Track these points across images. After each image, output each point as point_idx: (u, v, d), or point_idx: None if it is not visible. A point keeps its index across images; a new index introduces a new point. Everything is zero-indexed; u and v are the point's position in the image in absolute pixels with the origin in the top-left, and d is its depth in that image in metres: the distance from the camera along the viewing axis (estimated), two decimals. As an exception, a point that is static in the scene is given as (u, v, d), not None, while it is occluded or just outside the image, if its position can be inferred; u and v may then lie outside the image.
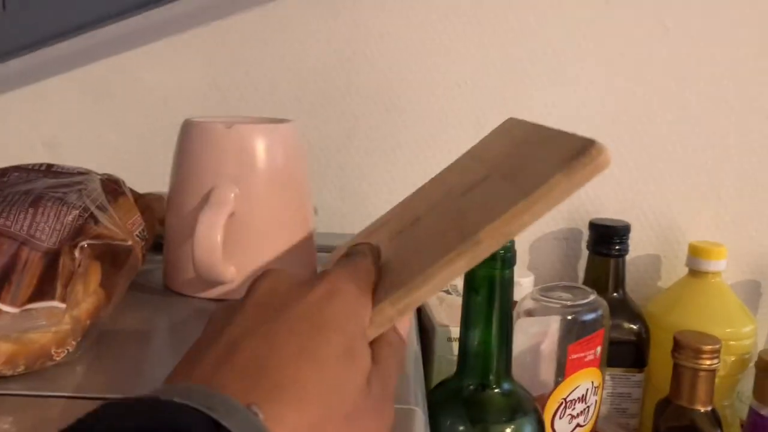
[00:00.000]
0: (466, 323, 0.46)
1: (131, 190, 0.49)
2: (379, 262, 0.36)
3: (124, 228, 0.39)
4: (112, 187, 0.43)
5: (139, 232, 0.43)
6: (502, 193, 0.35)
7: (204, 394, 0.23)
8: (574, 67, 0.67)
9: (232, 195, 0.47)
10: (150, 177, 0.72)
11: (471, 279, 0.45)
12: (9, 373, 0.32)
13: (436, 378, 0.54)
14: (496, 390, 0.46)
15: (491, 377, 0.46)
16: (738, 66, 0.67)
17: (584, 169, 0.30)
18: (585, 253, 0.66)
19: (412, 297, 0.32)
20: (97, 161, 0.72)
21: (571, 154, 0.31)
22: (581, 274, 0.67)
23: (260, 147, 0.48)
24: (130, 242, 0.36)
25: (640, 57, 0.67)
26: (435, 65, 0.68)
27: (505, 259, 0.45)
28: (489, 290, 0.45)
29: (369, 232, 0.57)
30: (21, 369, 0.32)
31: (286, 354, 0.26)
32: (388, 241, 0.50)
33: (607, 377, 0.63)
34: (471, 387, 0.46)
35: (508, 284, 0.46)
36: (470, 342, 0.46)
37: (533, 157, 0.37)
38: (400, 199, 0.54)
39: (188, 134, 0.50)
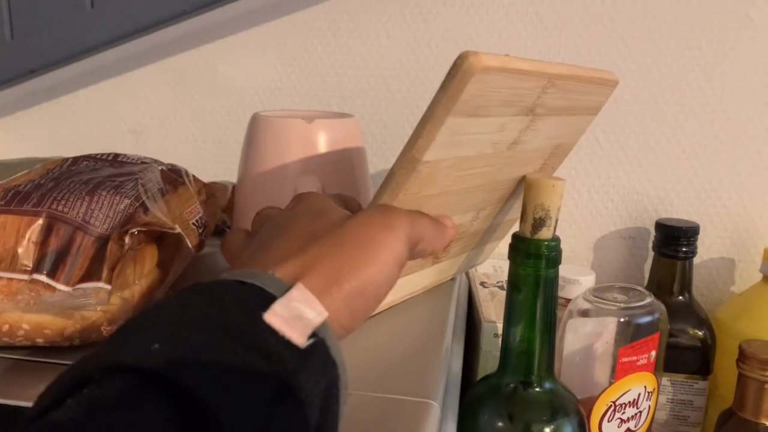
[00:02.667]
0: (508, 320, 0.46)
1: (196, 179, 0.52)
2: None
3: (178, 216, 0.42)
4: (173, 176, 0.45)
5: (197, 220, 0.45)
6: (413, 131, 0.37)
7: (229, 273, 0.28)
8: (646, 60, 0.64)
9: (318, 187, 0.49)
10: (224, 165, 0.76)
11: (513, 277, 0.45)
12: (65, 344, 0.35)
13: (482, 373, 0.54)
14: (536, 388, 0.46)
15: (533, 376, 0.46)
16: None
17: (453, 79, 0.32)
18: (651, 253, 0.63)
19: None
20: (177, 149, 0.77)
21: (447, 72, 0.33)
22: (647, 275, 0.65)
23: (339, 140, 0.50)
24: (178, 230, 0.39)
25: (719, 49, 0.63)
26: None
27: (549, 258, 0.45)
28: (532, 288, 0.44)
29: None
30: (77, 342, 0.36)
31: (282, 237, 0.31)
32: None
33: (668, 383, 0.61)
34: (511, 384, 0.46)
35: (552, 283, 0.45)
36: (512, 339, 0.46)
37: None
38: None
39: (262, 128, 0.51)
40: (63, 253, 0.34)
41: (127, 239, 0.35)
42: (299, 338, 0.25)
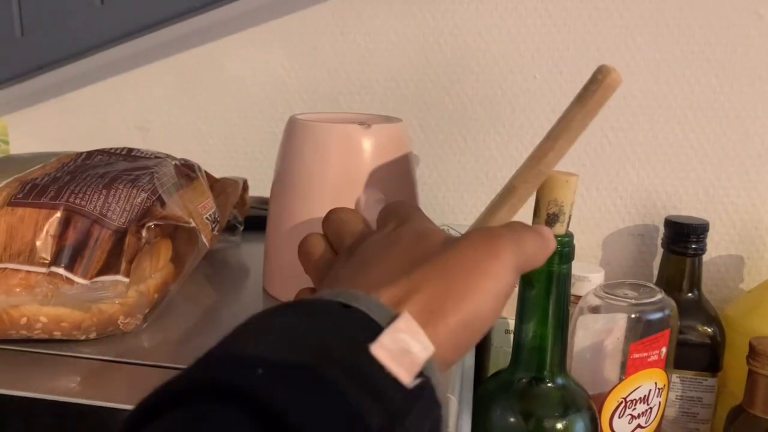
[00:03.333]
0: (520, 316, 0.46)
1: (207, 174, 0.52)
2: None
3: (193, 210, 0.42)
4: (186, 171, 0.45)
5: (210, 215, 0.45)
6: (540, 144, 0.36)
7: (330, 293, 0.26)
8: (655, 56, 0.64)
9: (376, 200, 0.46)
10: (232, 161, 0.76)
11: (526, 273, 0.45)
12: (82, 337, 0.35)
13: (493, 369, 0.54)
14: (548, 384, 0.46)
15: (544, 371, 0.46)
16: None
17: (594, 95, 0.31)
18: (660, 250, 0.63)
19: None
20: (184, 145, 0.77)
21: (584, 85, 0.32)
22: (655, 272, 0.65)
23: (393, 146, 0.48)
24: (193, 224, 0.39)
25: (728, 46, 0.63)
26: (507, 57, 0.67)
27: (562, 254, 0.45)
28: (545, 284, 0.45)
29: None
30: (93, 335, 0.36)
31: (383, 257, 0.30)
32: None
33: (677, 380, 0.61)
34: (523, 380, 0.46)
35: (565, 279, 0.45)
36: (524, 335, 0.46)
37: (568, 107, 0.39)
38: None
39: (305, 132, 0.47)
40: (81, 246, 0.34)
41: (144, 233, 0.35)
42: (406, 377, 0.24)
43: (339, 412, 0.21)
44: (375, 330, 0.24)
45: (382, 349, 0.24)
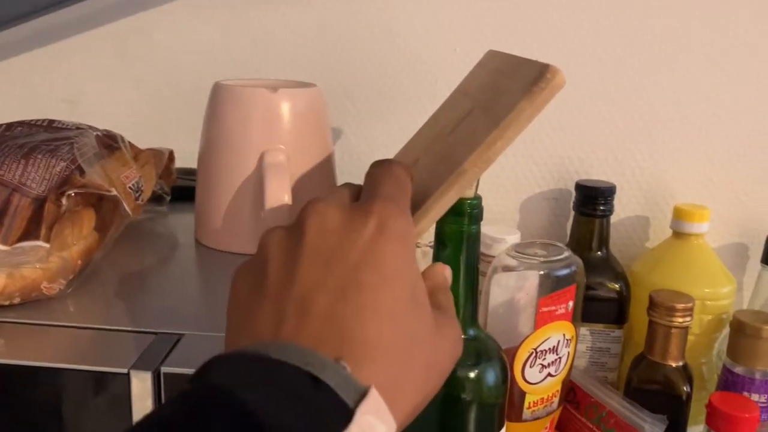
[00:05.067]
0: (435, 274, 0.49)
1: (131, 145, 0.53)
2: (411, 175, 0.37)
3: (115, 179, 0.43)
4: (108, 142, 0.46)
5: (133, 184, 0.47)
6: (481, 125, 0.39)
7: (298, 351, 0.24)
8: (566, 29, 0.68)
9: (284, 158, 0.49)
10: (162, 133, 0.76)
11: (439, 234, 0.48)
12: (6, 303, 0.37)
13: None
14: (462, 337, 0.49)
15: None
16: (730, 28, 0.67)
17: (542, 92, 0.34)
18: (572, 213, 0.68)
19: (416, 229, 0.36)
20: (115, 116, 0.77)
21: (531, 80, 0.35)
22: (569, 233, 0.69)
23: (303, 110, 0.51)
24: (114, 192, 0.40)
25: (634, 19, 0.67)
26: (428, 29, 0.70)
27: (472, 215, 0.48)
28: (456, 244, 0.48)
29: None
30: (17, 300, 0.37)
31: (361, 310, 0.26)
32: None
33: (587, 333, 0.65)
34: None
35: (475, 238, 0.48)
36: (439, 292, 0.49)
37: (504, 88, 0.41)
38: (395, 154, 0.57)
39: (225, 97, 0.51)
40: (0, 213, 0.35)
41: (64, 200, 0.37)
42: None
43: None
44: (344, 414, 0.23)
45: None
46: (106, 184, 0.40)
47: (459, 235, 0.48)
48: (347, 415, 0.22)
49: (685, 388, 0.59)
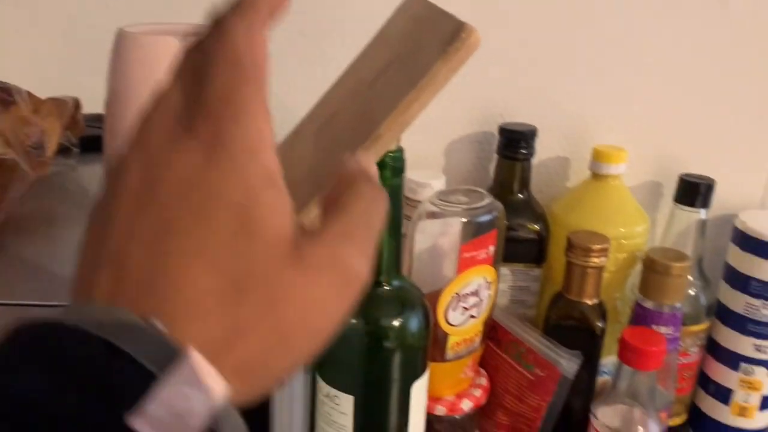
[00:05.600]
0: (357, 226, 0.49)
1: (31, 96, 0.49)
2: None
3: (10, 139, 0.40)
4: (2, 96, 0.43)
5: (34, 142, 0.44)
6: (398, 84, 0.38)
7: (95, 313, 0.20)
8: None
9: None
10: (67, 79, 0.71)
11: (361, 185, 0.48)
12: None
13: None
14: (385, 287, 0.50)
15: (381, 276, 0.50)
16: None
17: (457, 53, 0.33)
18: (496, 156, 0.68)
19: None
20: (20, 66, 0.71)
21: (446, 39, 0.34)
22: (493, 176, 0.70)
23: None
24: (12, 155, 0.37)
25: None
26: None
27: (394, 168, 0.47)
28: (377, 196, 0.47)
29: (297, 131, 0.59)
30: None
31: (175, 256, 0.21)
32: (311, 139, 0.52)
33: (508, 272, 0.67)
34: (362, 285, 0.49)
35: (398, 191, 0.48)
36: (362, 244, 0.49)
37: (422, 42, 0.41)
38: (307, 89, 0.56)
39: (128, 46, 0.48)
40: None
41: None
42: None
43: None
44: (146, 386, 0.18)
45: (144, 422, 0.18)
46: (1, 146, 0.37)
47: (380, 188, 0.48)
48: (149, 386, 0.18)
49: (599, 324, 0.62)
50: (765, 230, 0.65)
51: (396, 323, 0.50)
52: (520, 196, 0.67)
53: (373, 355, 0.49)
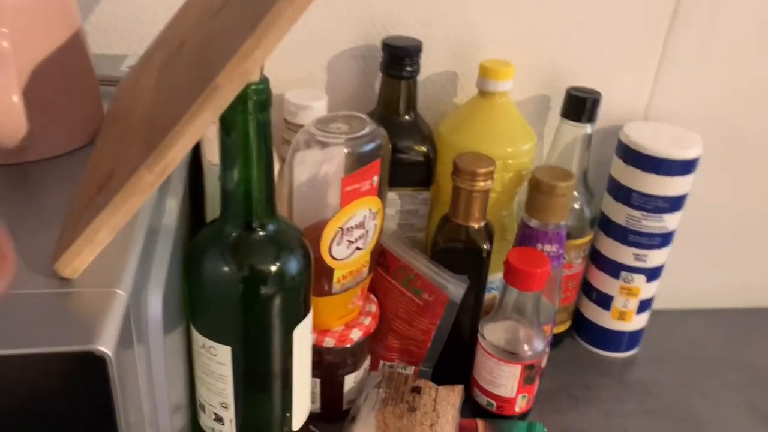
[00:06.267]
0: (223, 164, 0.44)
1: None
2: None
3: None
4: None
5: None
6: (240, 21, 0.33)
7: None
8: None
9: (7, 44, 0.39)
10: None
11: (223, 122, 0.43)
12: None
13: (210, 217, 0.54)
14: (259, 230, 0.46)
15: (254, 217, 0.46)
16: None
17: None
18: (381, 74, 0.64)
19: (167, 158, 0.31)
20: None
21: None
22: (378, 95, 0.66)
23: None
24: None
25: None
26: None
27: (258, 102, 0.42)
28: (243, 135, 0.43)
29: (148, 55, 0.52)
30: None
31: None
32: (155, 74, 0.46)
33: (396, 196, 0.65)
34: (234, 228, 0.46)
35: (264, 126, 0.44)
36: (229, 183, 0.45)
37: None
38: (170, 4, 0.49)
39: None
40: None
41: None
42: None
43: None
44: None
45: None
46: None
47: (245, 126, 0.43)
48: None
49: (485, 247, 0.61)
50: (647, 143, 0.66)
51: (272, 268, 0.46)
52: (407, 117, 0.64)
53: (248, 303, 0.46)
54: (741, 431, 0.68)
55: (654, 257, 0.70)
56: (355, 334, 0.60)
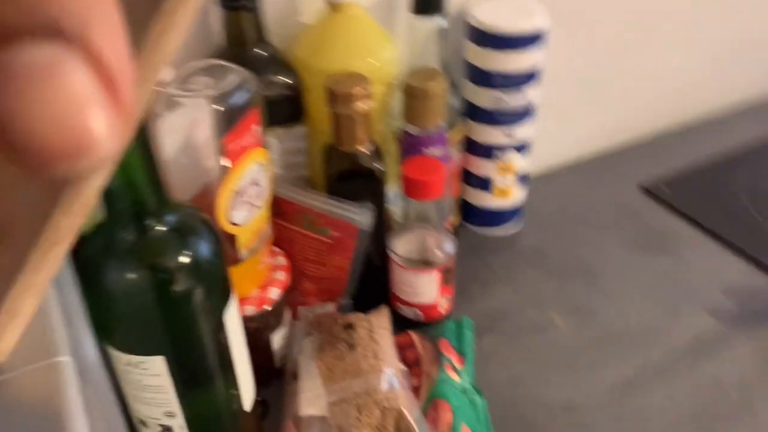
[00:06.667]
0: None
1: None
2: None
3: None
4: None
5: None
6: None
7: None
8: None
9: None
10: None
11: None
12: None
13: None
14: (155, 224, 0.41)
15: (147, 218, 0.40)
16: None
17: None
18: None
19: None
20: None
21: None
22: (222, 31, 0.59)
23: None
24: None
25: None
26: None
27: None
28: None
29: None
30: None
31: None
32: None
33: (274, 139, 0.60)
34: (126, 228, 0.40)
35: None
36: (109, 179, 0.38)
37: None
38: None
39: None
40: None
41: None
42: None
43: None
44: None
45: None
46: None
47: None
48: None
49: (379, 167, 0.59)
50: (496, 22, 0.66)
51: (183, 260, 0.42)
52: (260, 50, 0.58)
53: (168, 306, 0.41)
54: (632, 265, 0.75)
55: (522, 132, 0.72)
56: (274, 293, 0.56)
